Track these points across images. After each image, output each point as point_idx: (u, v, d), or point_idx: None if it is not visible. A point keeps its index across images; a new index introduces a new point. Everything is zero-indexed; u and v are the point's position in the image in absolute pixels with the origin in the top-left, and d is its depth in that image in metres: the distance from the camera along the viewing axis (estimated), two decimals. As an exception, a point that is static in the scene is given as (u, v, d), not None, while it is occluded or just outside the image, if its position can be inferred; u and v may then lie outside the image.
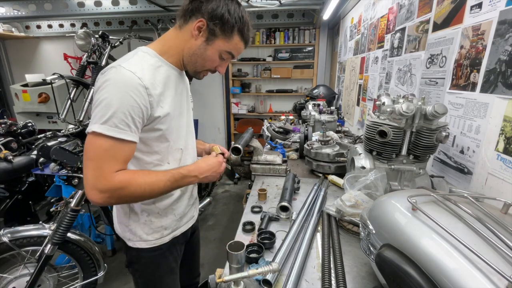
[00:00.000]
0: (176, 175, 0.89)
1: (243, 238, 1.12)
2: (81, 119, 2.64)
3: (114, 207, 1.05)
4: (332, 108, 2.58)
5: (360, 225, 0.85)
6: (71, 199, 1.63)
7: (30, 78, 3.99)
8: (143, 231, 0.99)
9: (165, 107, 0.88)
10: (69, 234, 1.66)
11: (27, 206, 2.48)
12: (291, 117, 3.33)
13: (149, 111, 0.84)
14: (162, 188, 0.86)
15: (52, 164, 2.03)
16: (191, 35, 0.88)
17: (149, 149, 0.91)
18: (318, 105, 2.62)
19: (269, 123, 2.78)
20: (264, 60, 4.60)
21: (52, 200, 2.65)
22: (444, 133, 1.09)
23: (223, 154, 1.07)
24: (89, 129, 0.78)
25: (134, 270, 1.06)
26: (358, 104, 2.71)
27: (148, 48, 0.91)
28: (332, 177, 1.66)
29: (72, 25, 4.74)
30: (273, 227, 1.19)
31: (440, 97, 1.30)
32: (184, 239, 1.15)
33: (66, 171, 1.96)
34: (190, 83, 1.14)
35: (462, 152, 1.14)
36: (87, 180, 0.78)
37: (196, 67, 0.94)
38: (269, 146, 2.30)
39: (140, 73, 0.80)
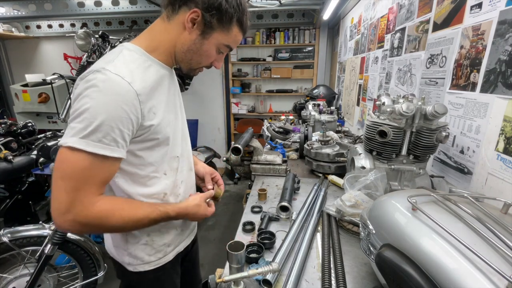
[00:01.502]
0: (163, 214, 0.79)
1: (243, 238, 1.12)
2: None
3: (109, 234, 0.92)
4: (332, 108, 2.58)
5: (360, 225, 0.85)
6: (71, 199, 1.63)
7: (30, 78, 3.99)
8: (145, 252, 0.88)
9: (158, 113, 0.77)
10: (69, 234, 1.66)
11: (27, 206, 2.48)
12: (291, 117, 3.33)
13: (140, 121, 0.72)
14: (145, 225, 0.78)
15: (52, 164, 2.03)
16: (183, 27, 0.76)
17: (142, 161, 0.79)
18: (318, 105, 2.62)
19: (269, 123, 2.78)
20: (264, 60, 4.59)
21: (52, 200, 2.65)
22: (444, 133, 1.09)
23: (215, 197, 1.02)
24: (63, 142, 0.64)
25: None
26: (358, 104, 2.71)
27: (133, 45, 0.78)
28: (332, 177, 1.66)
29: (72, 25, 4.73)
30: (273, 227, 1.19)
31: (440, 97, 1.30)
32: (186, 252, 1.07)
33: (66, 171, 1.95)
34: (189, 82, 1.11)
35: (462, 152, 1.14)
36: (58, 203, 0.65)
37: (192, 64, 0.83)
38: (269, 146, 2.30)
39: (130, 77, 0.69)
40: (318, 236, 1.12)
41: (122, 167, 0.77)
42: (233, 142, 1.35)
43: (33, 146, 2.59)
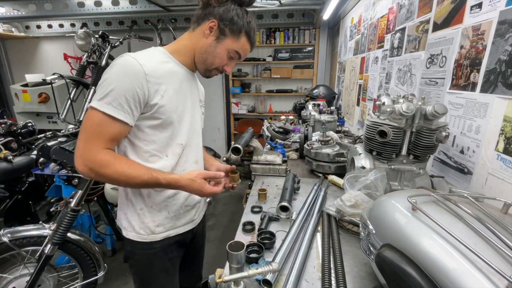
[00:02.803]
0: (154, 178, 0.87)
1: (243, 238, 1.12)
2: (81, 119, 2.63)
3: (119, 195, 1.06)
4: (332, 108, 2.58)
5: (360, 225, 0.85)
6: (71, 199, 1.63)
7: (30, 78, 3.99)
8: (136, 222, 1.00)
9: (165, 97, 0.91)
10: (69, 234, 1.66)
11: (27, 206, 2.48)
12: (291, 117, 3.33)
13: (147, 97, 0.87)
14: (138, 184, 0.88)
15: (52, 164, 2.03)
16: (203, 34, 0.96)
17: (146, 137, 0.93)
18: (318, 105, 2.62)
19: (269, 123, 2.78)
20: (264, 60, 4.59)
21: (52, 200, 2.65)
22: (444, 133, 1.09)
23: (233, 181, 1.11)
24: (89, 105, 0.85)
25: (130, 265, 1.08)
26: (358, 104, 2.71)
27: (160, 47, 1.00)
28: (332, 177, 1.66)
29: (72, 25, 4.73)
30: (273, 227, 1.19)
31: (440, 97, 1.30)
32: (183, 242, 1.12)
33: (66, 171, 1.96)
34: None
35: (462, 152, 1.14)
36: (77, 148, 0.85)
37: (207, 64, 0.99)
38: (269, 146, 2.30)
39: (143, 61, 0.86)
40: (318, 236, 1.12)
41: (130, 138, 0.93)
42: (233, 142, 1.36)
43: (33, 146, 2.59)
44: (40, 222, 1.97)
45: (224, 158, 1.82)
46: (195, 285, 1.39)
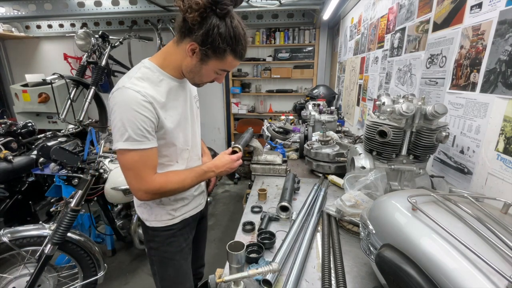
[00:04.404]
0: (199, 172, 1.06)
1: (243, 238, 1.12)
2: (81, 119, 2.64)
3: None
4: (332, 108, 2.58)
5: (360, 225, 0.85)
6: (71, 199, 1.63)
7: (30, 78, 3.99)
8: (158, 212, 1.12)
9: (168, 118, 0.98)
10: (69, 234, 1.66)
11: (27, 206, 2.48)
12: (291, 117, 3.33)
13: (158, 121, 0.95)
14: (190, 183, 1.04)
15: (52, 164, 2.03)
16: (186, 54, 0.93)
17: (158, 154, 1.01)
18: (318, 105, 2.62)
19: (269, 123, 2.78)
20: (264, 60, 4.59)
21: (52, 200, 2.65)
22: (444, 133, 1.09)
23: (236, 151, 1.20)
24: (115, 147, 0.91)
25: (149, 248, 1.19)
26: (358, 104, 2.71)
27: (150, 62, 0.98)
28: (332, 177, 1.66)
29: (72, 25, 4.73)
30: (273, 227, 1.19)
31: (440, 97, 1.30)
32: (194, 223, 1.27)
33: (66, 171, 1.96)
34: None
35: (462, 152, 1.14)
36: (132, 185, 0.95)
37: (195, 81, 1.03)
38: (269, 146, 2.30)
39: (144, 91, 0.90)
40: (318, 236, 1.12)
41: None
42: (233, 142, 1.36)
43: (33, 146, 2.59)
44: (40, 222, 1.97)
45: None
46: (198, 270, 1.50)
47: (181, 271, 1.22)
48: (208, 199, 2.95)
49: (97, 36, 2.88)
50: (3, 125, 2.56)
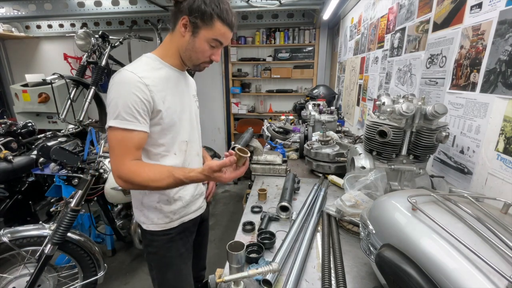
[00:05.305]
0: (177, 180, 0.94)
1: (243, 238, 1.12)
2: (81, 119, 2.63)
3: (132, 195, 1.15)
4: (332, 108, 2.58)
5: (360, 225, 0.85)
6: (71, 199, 1.63)
7: (30, 78, 3.99)
8: (155, 215, 1.10)
9: (166, 102, 0.98)
10: (69, 234, 1.66)
11: (27, 206, 2.47)
12: (291, 117, 3.33)
13: (152, 104, 0.94)
14: (164, 186, 0.95)
15: (52, 164, 2.03)
16: (180, 34, 0.98)
17: (154, 142, 1.01)
18: (318, 105, 2.62)
19: (269, 123, 2.78)
20: (264, 60, 4.59)
21: (52, 200, 2.65)
22: (444, 133, 1.09)
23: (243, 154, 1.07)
24: (106, 125, 0.92)
25: (148, 252, 1.17)
26: (358, 104, 2.71)
27: (151, 54, 1.04)
28: (332, 177, 1.66)
29: (72, 25, 4.73)
30: (273, 227, 1.19)
31: (440, 97, 1.30)
32: (194, 227, 1.24)
33: (66, 171, 1.96)
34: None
35: (462, 152, 1.14)
36: (111, 165, 0.94)
37: (192, 60, 1.03)
38: (269, 146, 2.30)
39: (141, 73, 0.93)
40: (318, 236, 1.12)
41: None
42: (233, 142, 1.36)
43: (33, 146, 2.59)
44: (40, 222, 1.97)
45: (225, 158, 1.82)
46: (200, 273, 1.49)
47: (181, 275, 1.19)
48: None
49: (97, 36, 2.87)
50: (3, 125, 2.56)
